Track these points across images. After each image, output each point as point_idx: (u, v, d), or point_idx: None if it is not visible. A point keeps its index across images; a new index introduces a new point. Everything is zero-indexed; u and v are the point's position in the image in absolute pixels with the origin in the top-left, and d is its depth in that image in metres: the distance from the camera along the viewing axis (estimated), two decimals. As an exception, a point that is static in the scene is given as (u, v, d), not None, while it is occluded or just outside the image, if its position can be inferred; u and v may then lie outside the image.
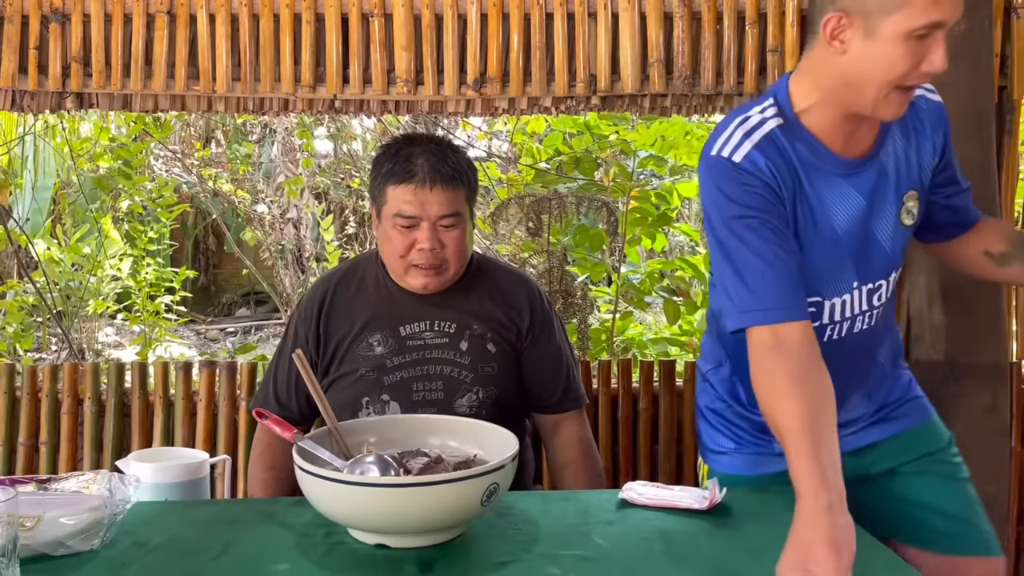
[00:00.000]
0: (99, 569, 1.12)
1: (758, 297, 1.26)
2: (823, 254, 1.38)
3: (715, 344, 1.55)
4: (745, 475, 1.50)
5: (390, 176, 1.62)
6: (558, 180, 3.60)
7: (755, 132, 1.33)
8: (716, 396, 1.54)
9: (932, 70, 1.26)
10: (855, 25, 1.25)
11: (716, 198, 1.31)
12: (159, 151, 6.02)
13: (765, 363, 1.23)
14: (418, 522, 1.17)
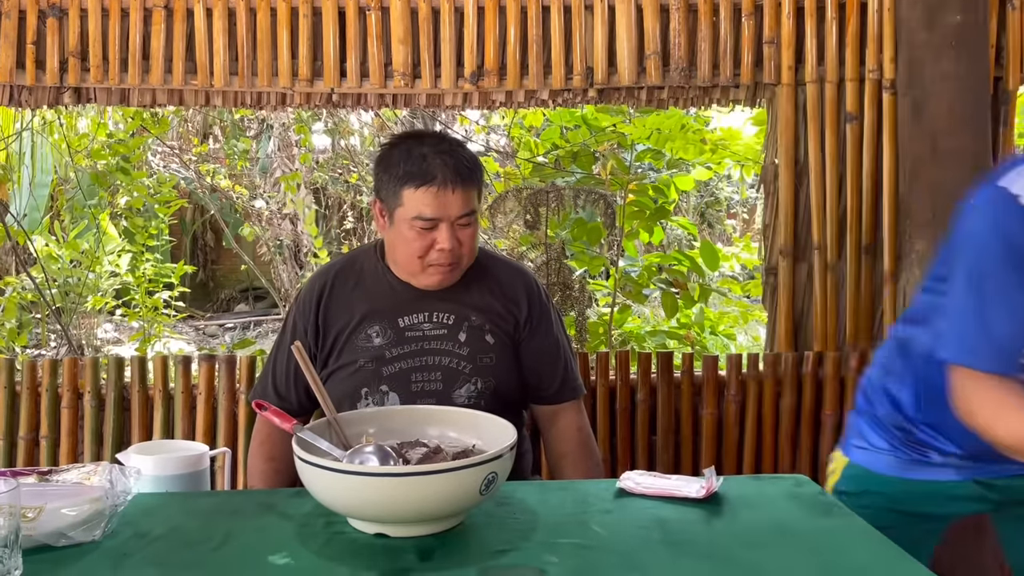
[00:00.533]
0: (101, 559, 1.13)
1: (993, 346, 1.23)
2: None
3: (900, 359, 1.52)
4: (891, 475, 1.51)
5: (408, 179, 1.59)
6: (556, 174, 3.61)
7: None
8: (884, 402, 1.53)
9: None
10: None
11: (990, 230, 1.23)
12: (157, 147, 6.02)
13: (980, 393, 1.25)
14: (417, 511, 1.17)
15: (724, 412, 2.33)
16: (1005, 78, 2.23)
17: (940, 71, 2.10)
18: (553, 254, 3.33)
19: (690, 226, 4.72)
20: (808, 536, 1.23)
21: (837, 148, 2.28)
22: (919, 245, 2.16)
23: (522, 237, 3.87)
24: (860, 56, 2.25)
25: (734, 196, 8.47)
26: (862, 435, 1.56)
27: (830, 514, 1.31)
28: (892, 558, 1.16)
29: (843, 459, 1.58)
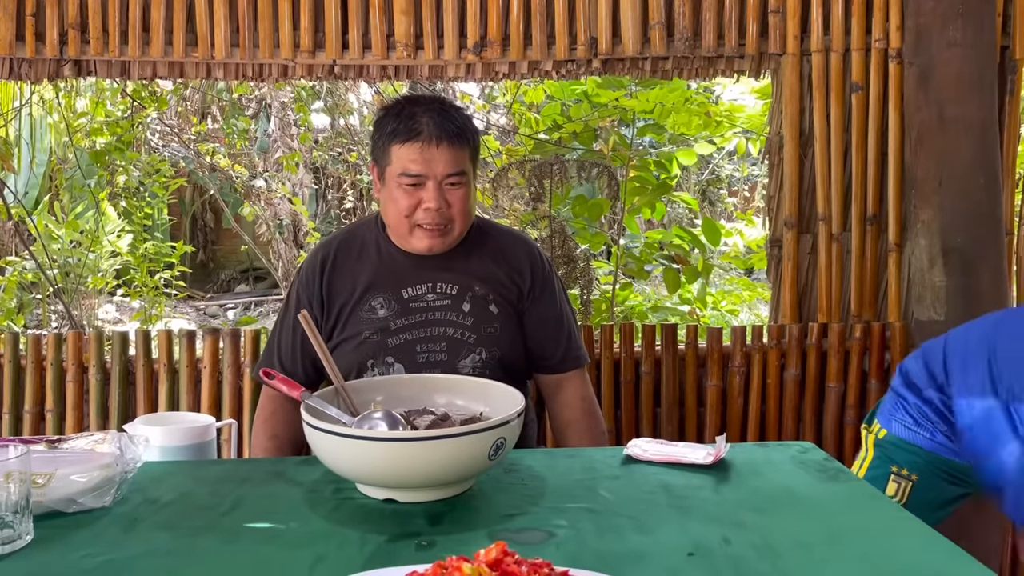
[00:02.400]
0: (112, 524, 1.13)
1: None
2: None
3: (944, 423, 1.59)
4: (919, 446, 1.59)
5: (395, 135, 1.61)
6: (557, 149, 3.59)
7: None
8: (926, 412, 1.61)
9: None
10: None
11: None
12: (155, 126, 5.99)
13: None
14: (426, 476, 1.18)
15: (728, 384, 2.33)
16: (1012, 47, 2.21)
17: (947, 39, 2.08)
18: (557, 227, 3.32)
19: (692, 201, 4.70)
20: (814, 500, 1.23)
21: (843, 118, 2.27)
22: (924, 215, 2.16)
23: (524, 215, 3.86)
24: (866, 25, 2.23)
25: (735, 174, 8.45)
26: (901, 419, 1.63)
27: (836, 479, 1.32)
28: (898, 520, 1.17)
29: (880, 431, 1.64)
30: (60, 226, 5.72)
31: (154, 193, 6.15)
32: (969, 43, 2.07)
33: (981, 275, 2.13)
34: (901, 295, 2.29)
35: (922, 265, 2.17)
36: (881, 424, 1.66)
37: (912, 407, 1.62)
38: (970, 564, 1.01)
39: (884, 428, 1.65)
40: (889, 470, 1.61)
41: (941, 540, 1.08)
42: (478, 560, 0.84)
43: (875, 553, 1.05)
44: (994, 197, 2.13)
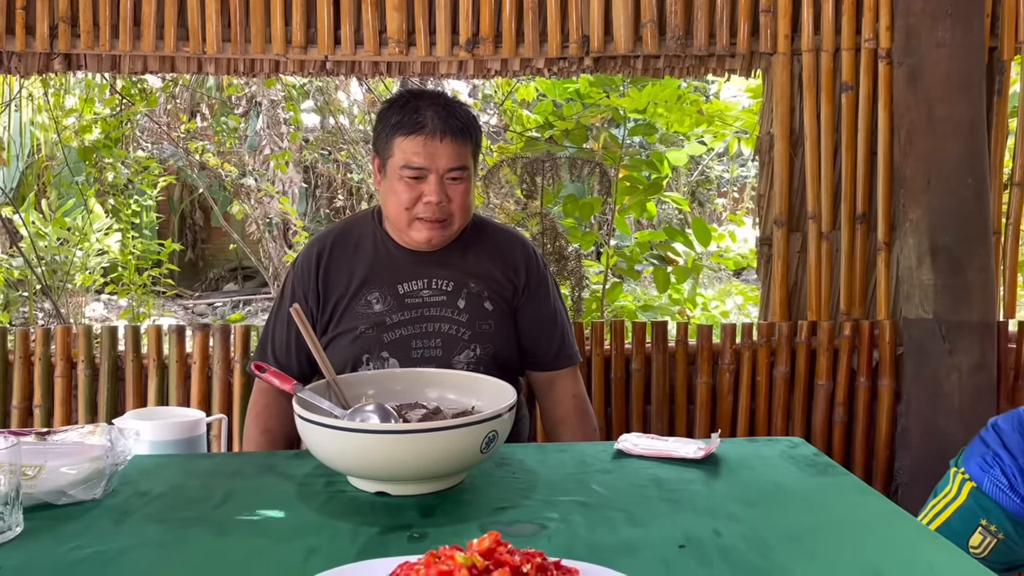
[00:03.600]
0: (102, 516, 1.13)
1: None
2: None
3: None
4: (1010, 510, 1.63)
5: (398, 128, 1.61)
6: (548, 147, 3.60)
7: None
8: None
9: None
10: None
11: None
12: (144, 124, 5.96)
13: None
14: (418, 469, 1.18)
15: (718, 381, 2.34)
16: (1000, 47, 2.23)
17: (936, 40, 2.10)
18: (548, 224, 3.33)
19: (682, 202, 4.71)
20: (804, 493, 1.24)
21: (833, 117, 2.28)
22: (913, 214, 2.17)
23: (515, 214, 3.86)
24: (856, 25, 2.24)
25: (724, 175, 8.48)
26: (993, 477, 1.66)
27: (825, 473, 1.33)
28: (886, 513, 1.17)
29: (968, 484, 1.68)
30: (47, 223, 5.68)
31: (142, 191, 6.12)
32: (958, 43, 2.09)
33: (969, 274, 2.15)
34: (890, 293, 2.31)
35: (911, 263, 2.19)
36: (971, 475, 1.68)
37: (1008, 469, 1.65)
38: (959, 557, 1.02)
39: (975, 480, 1.67)
40: (979, 522, 1.64)
41: (930, 533, 1.09)
42: (471, 549, 0.84)
43: (865, 545, 1.06)
44: (982, 196, 2.15)
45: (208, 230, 9.07)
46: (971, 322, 2.15)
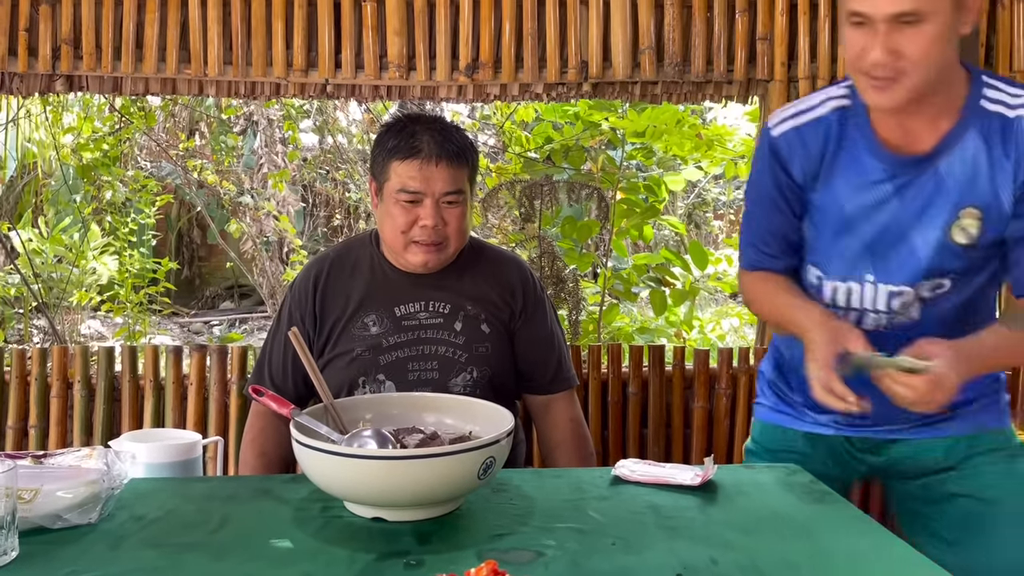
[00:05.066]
0: (98, 541, 1.13)
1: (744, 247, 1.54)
2: (831, 235, 1.42)
3: None
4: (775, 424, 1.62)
5: (395, 152, 1.62)
6: (547, 169, 3.62)
7: (810, 111, 1.41)
8: (770, 357, 1.65)
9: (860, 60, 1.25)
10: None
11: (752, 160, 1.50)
12: (143, 142, 5.98)
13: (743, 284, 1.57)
14: (415, 495, 1.18)
15: (715, 405, 2.34)
16: (994, 76, 2.26)
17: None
18: (546, 247, 3.34)
19: (679, 226, 4.74)
20: (801, 522, 1.24)
21: (828, 144, 2.30)
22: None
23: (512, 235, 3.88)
24: (851, 54, 2.27)
25: (721, 197, 8.52)
26: (761, 391, 1.67)
27: (822, 501, 1.33)
28: (884, 543, 1.18)
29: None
30: (44, 241, 5.69)
31: (139, 209, 6.13)
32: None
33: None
34: (885, 319, 2.31)
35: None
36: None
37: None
38: (955, 586, 1.02)
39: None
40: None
41: (926, 562, 1.09)
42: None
43: (860, 574, 1.06)
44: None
45: (205, 248, 9.07)
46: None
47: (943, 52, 1.22)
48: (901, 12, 1.19)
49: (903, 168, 1.34)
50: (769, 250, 1.50)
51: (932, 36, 1.20)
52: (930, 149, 1.32)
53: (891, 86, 1.23)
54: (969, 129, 1.29)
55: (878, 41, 1.21)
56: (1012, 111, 1.28)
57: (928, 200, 1.33)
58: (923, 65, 1.22)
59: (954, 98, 1.30)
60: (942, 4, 1.20)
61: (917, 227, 1.35)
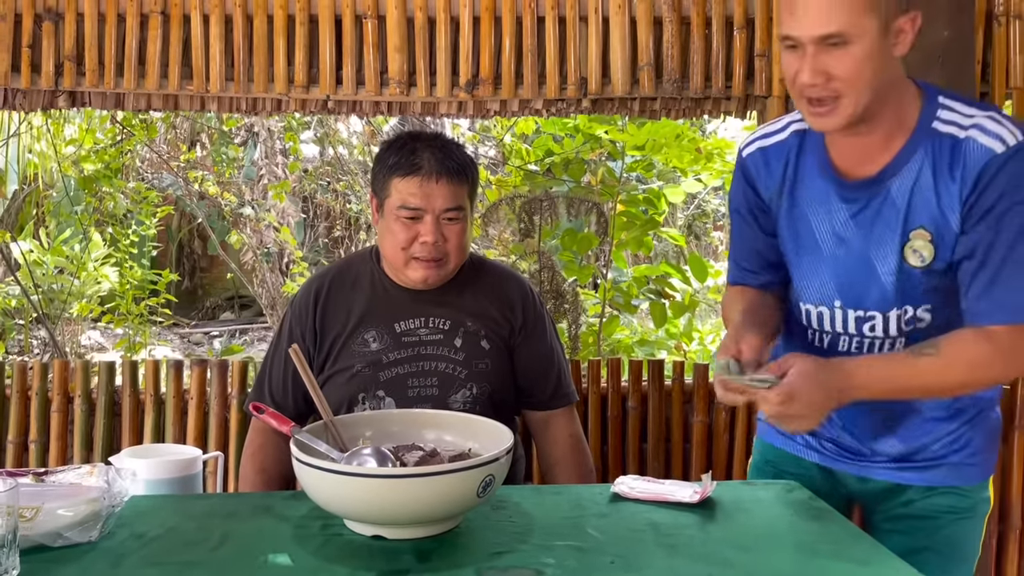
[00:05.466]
0: (98, 559, 1.13)
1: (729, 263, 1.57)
2: (800, 259, 1.44)
3: None
4: (768, 441, 1.62)
5: (395, 169, 1.64)
6: (547, 182, 3.63)
7: (775, 134, 1.43)
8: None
9: (794, 83, 1.26)
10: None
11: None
12: (144, 154, 6.00)
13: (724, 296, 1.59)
14: (415, 513, 1.18)
15: (714, 420, 2.35)
16: (991, 92, 2.27)
17: (929, 85, 2.13)
18: (546, 262, 3.35)
19: (679, 239, 4.75)
20: (799, 539, 1.25)
21: (826, 160, 2.31)
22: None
23: (512, 247, 3.89)
24: (849, 70, 2.28)
25: (720, 209, 8.54)
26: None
27: (821, 518, 1.33)
28: (883, 561, 1.18)
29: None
30: (46, 252, 5.70)
31: (140, 220, 6.15)
32: (949, 88, 2.12)
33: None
34: (884, 334, 2.32)
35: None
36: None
37: None
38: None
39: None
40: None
41: (923, 581, 1.10)
42: None
43: (859, 594, 1.07)
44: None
45: (206, 259, 9.09)
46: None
47: (875, 73, 1.22)
48: (826, 34, 1.20)
49: (855, 192, 1.34)
50: (748, 266, 1.52)
51: (860, 57, 1.20)
52: (880, 171, 1.32)
53: (829, 109, 1.24)
54: (918, 150, 1.28)
55: (806, 63, 1.22)
56: (963, 131, 1.26)
57: (882, 223, 1.32)
58: (854, 86, 1.22)
59: (905, 119, 1.30)
60: (868, 26, 1.20)
61: (875, 251, 1.34)
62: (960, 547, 1.44)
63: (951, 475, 1.44)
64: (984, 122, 1.25)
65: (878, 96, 1.25)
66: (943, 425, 1.43)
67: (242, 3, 2.18)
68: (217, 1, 2.18)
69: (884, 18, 1.21)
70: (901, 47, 1.25)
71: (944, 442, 1.43)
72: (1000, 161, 1.23)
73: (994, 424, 1.48)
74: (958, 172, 1.25)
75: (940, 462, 1.44)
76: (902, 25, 1.24)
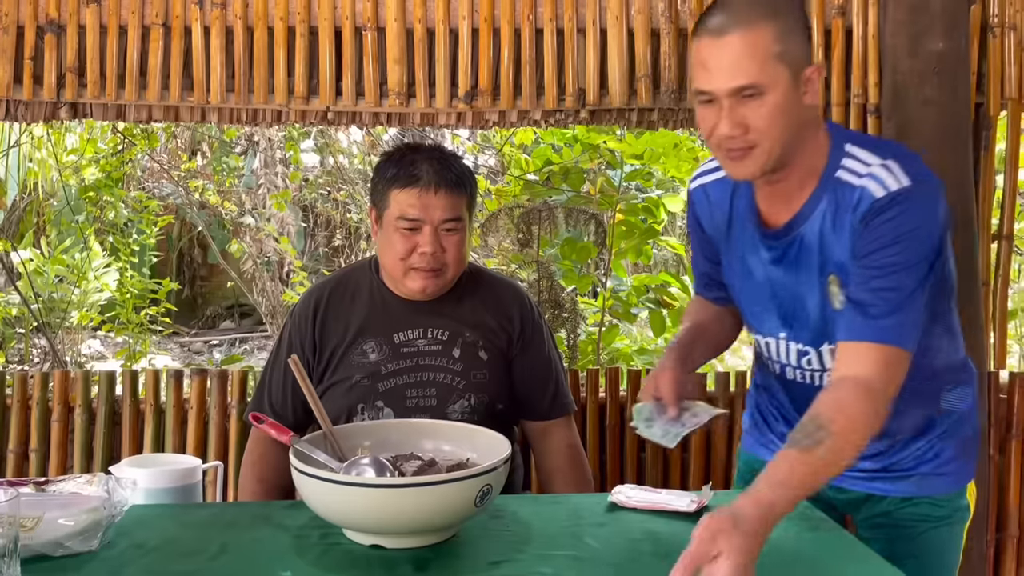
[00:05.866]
0: (98, 569, 1.14)
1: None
2: (742, 295, 1.48)
3: None
4: (749, 452, 1.63)
5: (394, 180, 1.65)
6: (546, 192, 3.65)
7: (715, 171, 1.47)
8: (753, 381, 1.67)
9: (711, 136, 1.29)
10: None
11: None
12: (145, 163, 6.02)
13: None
14: (413, 522, 1.19)
15: (712, 429, 2.35)
16: (986, 104, 2.28)
17: (923, 97, 2.14)
18: (544, 272, 3.36)
19: (678, 247, 4.76)
20: (796, 549, 1.25)
21: (823, 170, 2.32)
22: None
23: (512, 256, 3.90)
24: (845, 81, 2.30)
25: (720, 217, 8.53)
26: (745, 415, 1.68)
27: (818, 528, 1.34)
28: (881, 572, 1.19)
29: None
30: (46, 261, 5.71)
31: (141, 230, 6.16)
32: (945, 101, 2.13)
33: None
34: (882, 343, 2.32)
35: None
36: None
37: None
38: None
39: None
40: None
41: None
42: None
43: (854, 603, 1.07)
44: (970, 248, 2.18)
45: (206, 268, 9.09)
46: (962, 372, 2.16)
47: (789, 122, 1.26)
48: (741, 86, 1.23)
49: (773, 239, 1.38)
50: (703, 280, 1.59)
51: (774, 107, 1.24)
52: (791, 219, 1.35)
53: (744, 158, 1.28)
54: (823, 198, 1.32)
55: (724, 116, 1.25)
56: (859, 179, 1.29)
57: (802, 268, 1.36)
58: (770, 136, 1.25)
59: (816, 167, 1.33)
60: (780, 76, 1.23)
61: (801, 293, 1.37)
62: (939, 555, 1.46)
63: (924, 485, 1.46)
64: (877, 170, 1.28)
65: (791, 144, 1.29)
66: (914, 442, 1.45)
67: (243, 15, 2.20)
68: (218, 13, 2.19)
69: (793, 68, 1.25)
70: (811, 96, 1.28)
71: (915, 455, 1.46)
72: (879, 207, 1.26)
73: (968, 434, 1.49)
74: (848, 219, 1.29)
75: (911, 473, 1.46)
76: (810, 74, 1.28)
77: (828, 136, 1.35)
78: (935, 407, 1.45)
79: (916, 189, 1.26)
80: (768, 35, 1.23)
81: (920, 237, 1.25)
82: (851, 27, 2.27)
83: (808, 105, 1.29)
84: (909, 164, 1.29)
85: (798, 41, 1.26)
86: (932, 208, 1.28)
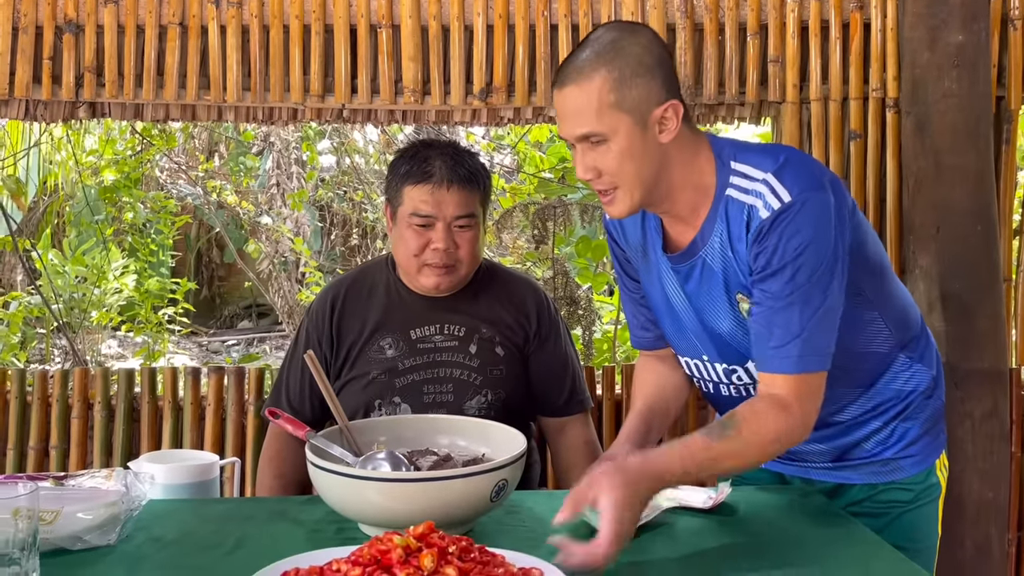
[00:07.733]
0: (116, 563, 1.15)
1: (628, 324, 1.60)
2: (662, 318, 1.47)
3: None
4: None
5: (407, 177, 1.66)
6: (561, 190, 3.64)
7: None
8: None
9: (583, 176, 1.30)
10: None
11: None
12: (163, 164, 6.07)
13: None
14: (428, 517, 1.18)
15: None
16: (1007, 97, 2.25)
17: (943, 90, 2.12)
18: (560, 269, 3.36)
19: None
20: (814, 544, 1.24)
21: (842, 165, 2.31)
22: (923, 260, 2.18)
23: (527, 254, 3.90)
24: (864, 75, 2.28)
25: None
26: None
27: (835, 524, 1.33)
28: (897, 566, 1.18)
29: None
30: (66, 261, 5.77)
31: (159, 230, 6.21)
32: (964, 94, 2.11)
33: (979, 321, 2.15)
34: (901, 339, 2.30)
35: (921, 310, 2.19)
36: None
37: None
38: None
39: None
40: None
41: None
42: (408, 534, 0.99)
43: (874, 599, 1.06)
44: (991, 244, 2.16)
45: (224, 268, 9.15)
46: (982, 369, 2.14)
47: (640, 165, 1.26)
48: (581, 135, 1.26)
49: (678, 263, 1.37)
50: (638, 322, 1.54)
51: (619, 153, 1.25)
52: (691, 243, 1.35)
53: (612, 199, 1.30)
54: (718, 219, 1.31)
55: (577, 161, 1.29)
56: (748, 197, 1.28)
57: (710, 290, 1.35)
58: (623, 178, 1.27)
59: (704, 187, 1.32)
60: (620, 123, 1.24)
61: (712, 315, 1.37)
62: (915, 536, 1.43)
63: (888, 471, 1.44)
64: (760, 187, 1.27)
65: (655, 181, 1.29)
66: (868, 425, 1.43)
67: (258, 13, 2.21)
68: (234, 12, 2.21)
69: (635, 114, 1.25)
70: (668, 134, 1.27)
71: (875, 440, 1.44)
72: (765, 229, 1.25)
73: (932, 412, 1.47)
74: (744, 235, 1.28)
75: (874, 458, 1.44)
76: (661, 115, 1.26)
77: (712, 154, 1.33)
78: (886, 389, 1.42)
79: (799, 202, 1.24)
80: (601, 86, 1.23)
81: (814, 251, 1.24)
82: (869, 20, 2.26)
83: (666, 143, 1.28)
84: (790, 174, 1.27)
85: (639, 85, 1.24)
86: (820, 216, 1.25)
